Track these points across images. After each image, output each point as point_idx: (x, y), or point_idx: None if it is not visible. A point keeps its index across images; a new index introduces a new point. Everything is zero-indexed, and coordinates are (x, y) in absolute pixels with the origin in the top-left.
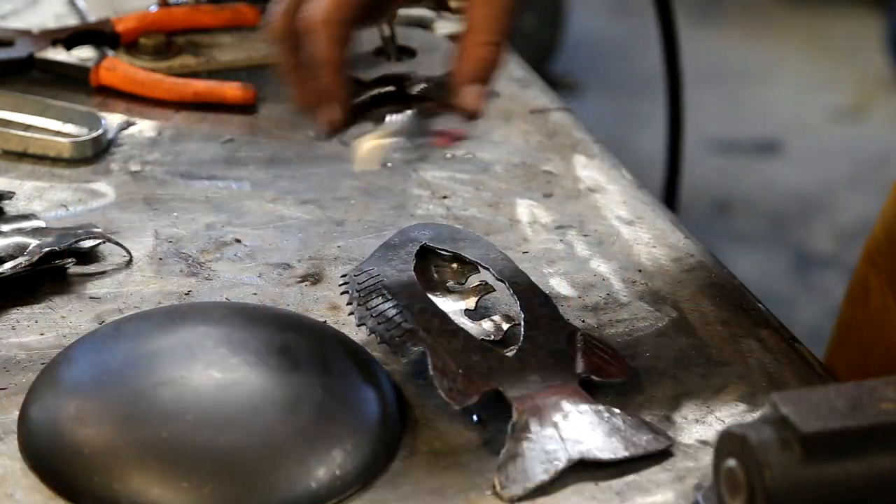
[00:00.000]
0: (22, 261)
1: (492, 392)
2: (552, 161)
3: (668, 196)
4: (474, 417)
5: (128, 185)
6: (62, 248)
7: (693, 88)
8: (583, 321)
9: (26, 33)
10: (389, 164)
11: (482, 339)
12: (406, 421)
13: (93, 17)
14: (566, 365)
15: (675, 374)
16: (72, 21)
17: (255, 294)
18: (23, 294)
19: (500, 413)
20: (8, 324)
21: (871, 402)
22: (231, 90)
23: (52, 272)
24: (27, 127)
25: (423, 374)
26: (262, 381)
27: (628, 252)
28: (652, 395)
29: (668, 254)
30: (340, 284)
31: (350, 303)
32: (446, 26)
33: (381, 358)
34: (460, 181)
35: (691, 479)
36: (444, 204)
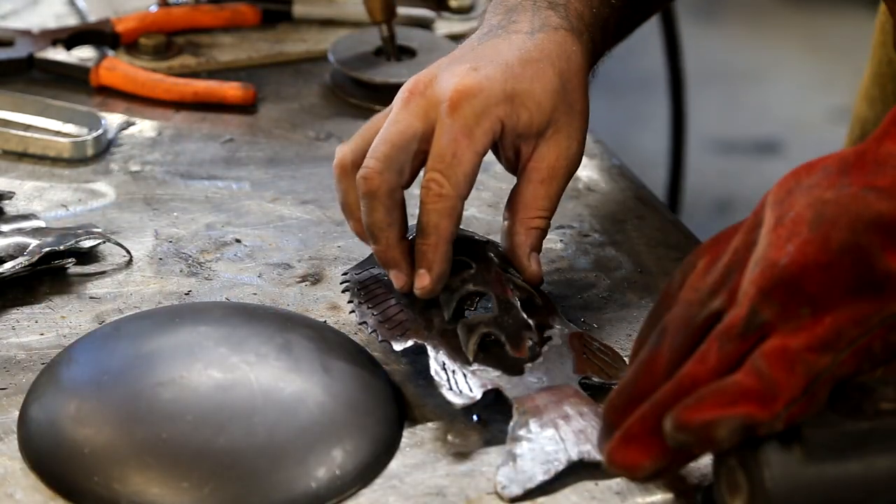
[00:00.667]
0: (22, 261)
1: (492, 392)
2: None
3: (671, 196)
4: (474, 417)
5: (128, 185)
6: (62, 248)
7: (693, 88)
8: (583, 321)
9: (26, 33)
10: None
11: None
12: (406, 421)
13: (93, 17)
14: (566, 366)
15: None
16: (72, 21)
17: (255, 294)
18: (23, 294)
19: (500, 413)
20: (8, 324)
21: (871, 402)
22: (231, 90)
23: (52, 272)
24: (27, 127)
25: (424, 374)
26: (262, 381)
27: (629, 252)
28: None
29: (668, 254)
30: (341, 283)
31: (351, 300)
32: (446, 26)
33: (381, 358)
34: None
35: (691, 479)
36: None
